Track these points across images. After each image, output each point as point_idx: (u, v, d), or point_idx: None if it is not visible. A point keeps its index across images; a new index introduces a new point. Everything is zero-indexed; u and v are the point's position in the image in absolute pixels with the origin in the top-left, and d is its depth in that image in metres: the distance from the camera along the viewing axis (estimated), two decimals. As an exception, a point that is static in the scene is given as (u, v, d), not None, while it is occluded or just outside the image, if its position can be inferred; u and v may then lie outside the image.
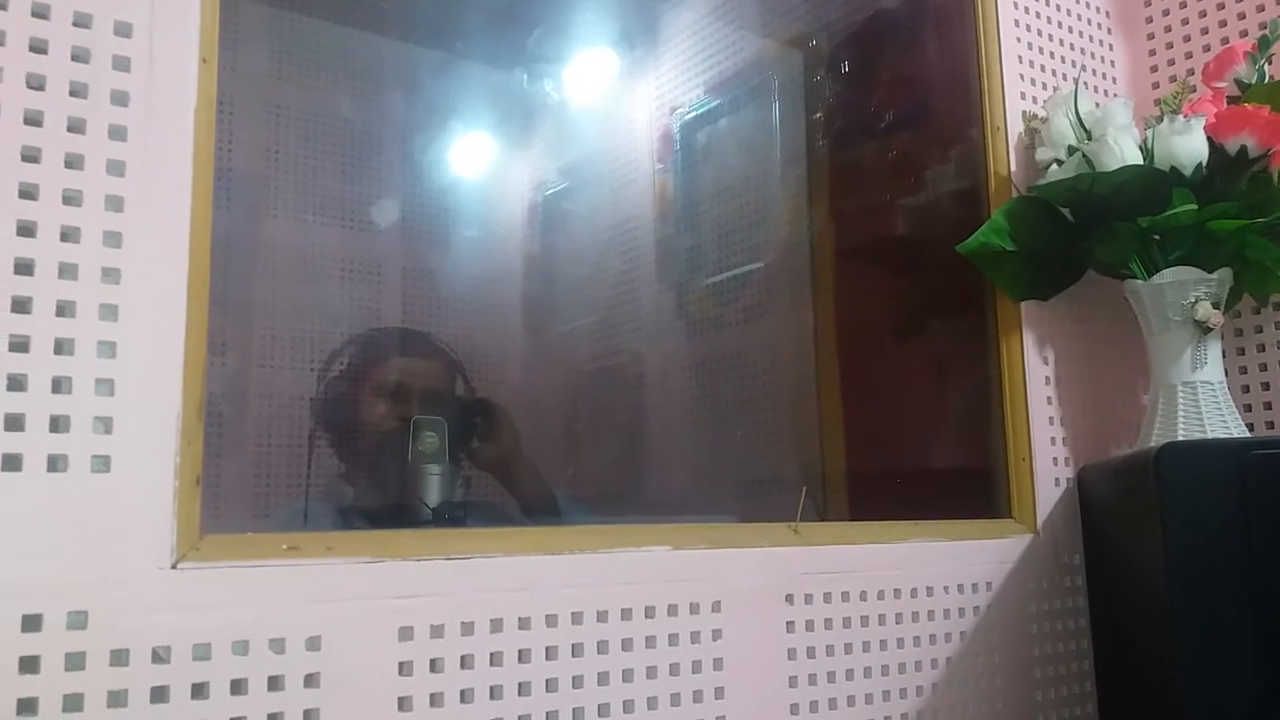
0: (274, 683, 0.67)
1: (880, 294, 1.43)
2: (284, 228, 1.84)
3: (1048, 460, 1.15)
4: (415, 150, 2.01)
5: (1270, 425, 1.18)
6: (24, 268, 0.63)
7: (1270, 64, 1.12)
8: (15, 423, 0.61)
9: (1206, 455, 0.94)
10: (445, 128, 1.99)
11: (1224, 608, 0.89)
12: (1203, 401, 1.06)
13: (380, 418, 1.41)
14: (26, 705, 0.59)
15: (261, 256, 1.77)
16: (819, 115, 1.56)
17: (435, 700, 0.73)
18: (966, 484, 1.23)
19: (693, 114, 1.76)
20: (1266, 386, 1.19)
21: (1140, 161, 1.07)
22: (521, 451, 1.42)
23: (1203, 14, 1.31)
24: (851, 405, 1.42)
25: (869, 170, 1.47)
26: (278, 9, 1.81)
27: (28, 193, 0.63)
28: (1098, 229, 1.12)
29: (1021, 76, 1.23)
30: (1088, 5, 1.33)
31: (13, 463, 0.61)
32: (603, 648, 0.81)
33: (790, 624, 0.93)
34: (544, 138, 2.08)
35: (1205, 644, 0.89)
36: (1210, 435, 1.04)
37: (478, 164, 2.09)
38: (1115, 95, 1.32)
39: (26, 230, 0.63)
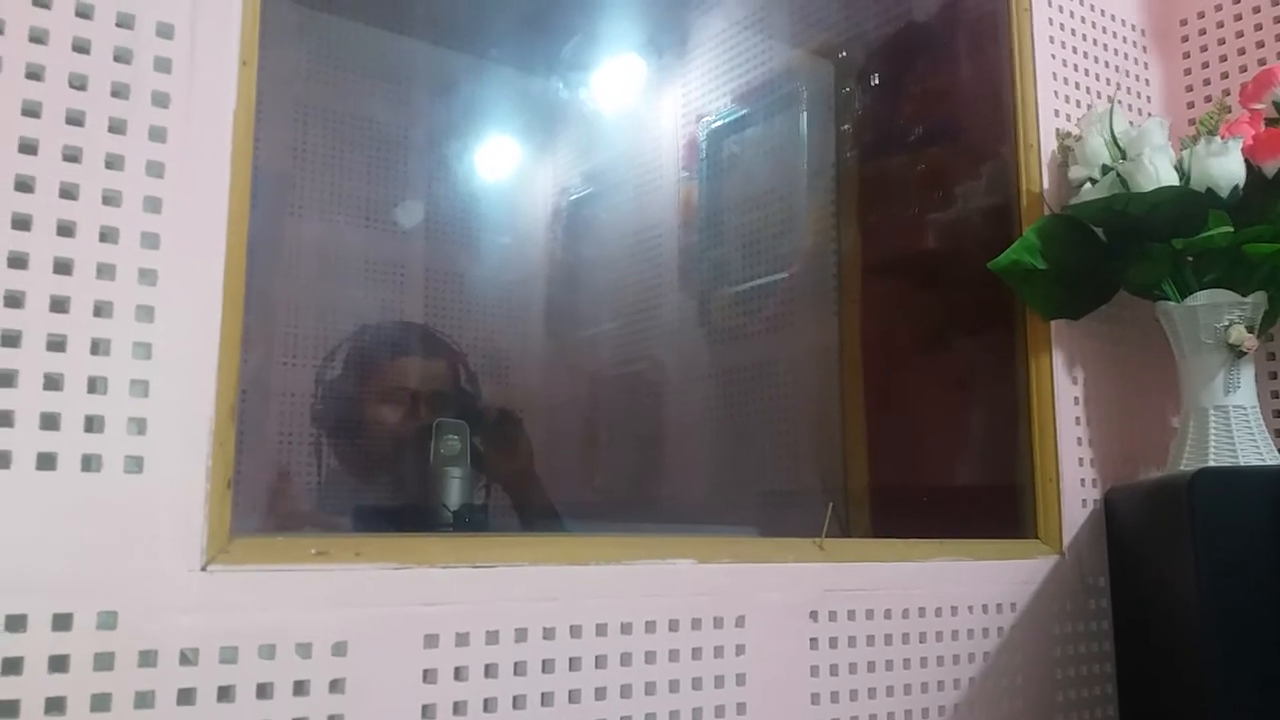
0: (299, 687, 0.67)
1: (907, 308, 1.42)
2: (308, 227, 1.84)
3: (1075, 481, 1.14)
4: (441, 153, 2.02)
5: (1303, 452, 1.16)
6: (63, 267, 0.63)
7: (1310, 87, 1.11)
8: (50, 422, 0.61)
9: (1241, 481, 0.93)
10: (471, 131, 1.99)
11: (1257, 635, 0.88)
12: (1235, 426, 1.05)
13: (389, 419, 1.41)
14: (55, 704, 0.59)
15: (286, 255, 1.77)
16: (848, 127, 1.56)
17: (459, 709, 0.73)
18: (992, 503, 1.22)
19: (719, 122, 1.76)
20: (1299, 412, 1.18)
21: (1176, 182, 1.06)
22: (534, 469, 1.42)
23: (1240, 34, 1.30)
24: (876, 420, 1.41)
25: (898, 184, 1.47)
26: (311, 9, 1.82)
27: (68, 192, 0.63)
28: (1131, 249, 1.11)
29: (1055, 94, 1.22)
30: (1123, 23, 1.32)
31: (47, 462, 0.61)
32: (626, 660, 0.81)
33: (814, 641, 0.92)
34: (569, 143, 2.08)
35: (1238, 672, 0.87)
36: (1242, 461, 1.03)
37: (503, 168, 2.09)
38: (1150, 115, 1.31)
39: (66, 230, 0.63)
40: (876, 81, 1.55)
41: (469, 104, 1.96)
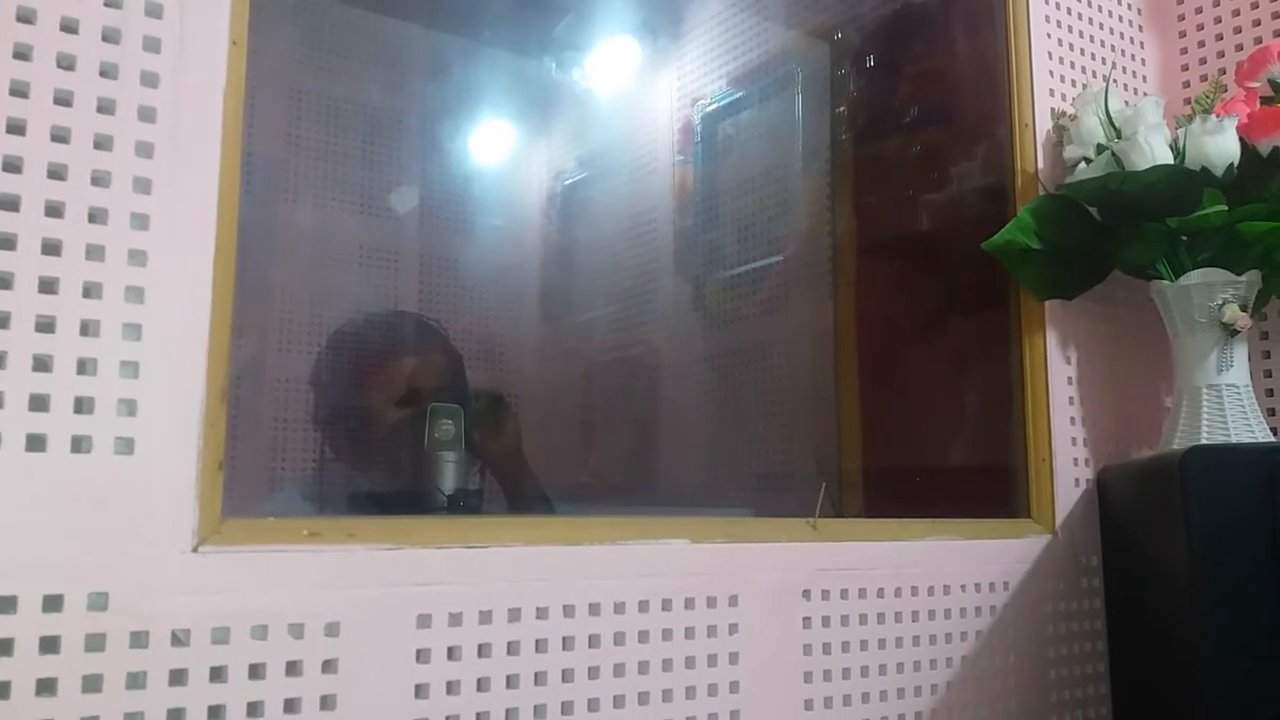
0: (292, 668, 0.67)
1: (902, 290, 1.42)
2: (302, 212, 1.84)
3: (1068, 460, 1.14)
4: (434, 137, 2.01)
5: (1295, 430, 1.17)
6: (51, 248, 0.62)
7: (1305, 65, 1.11)
8: (40, 403, 0.61)
9: (1233, 459, 0.93)
10: (465, 115, 1.99)
11: (1249, 613, 0.88)
12: (1228, 404, 1.05)
13: (377, 404, 1.41)
14: (46, 685, 0.59)
15: (279, 240, 1.77)
16: (843, 109, 1.55)
17: (452, 688, 0.73)
18: (985, 483, 1.22)
19: (715, 105, 1.75)
20: (1292, 391, 1.18)
21: (1171, 161, 1.06)
22: (522, 451, 1.42)
23: (1236, 12, 1.30)
24: (870, 401, 1.41)
25: (893, 165, 1.46)
26: (302, -8, 1.81)
27: (56, 173, 0.63)
28: (1125, 229, 1.11)
29: (1051, 73, 1.21)
30: (1119, 2, 1.31)
31: (37, 443, 0.61)
32: (619, 639, 0.81)
33: (807, 620, 0.92)
34: (564, 127, 2.07)
35: (1230, 649, 0.88)
36: (1235, 439, 1.03)
37: (497, 152, 2.08)
38: (1145, 94, 1.30)
39: (54, 211, 0.63)
40: (872, 63, 1.54)
41: (463, 87, 1.95)
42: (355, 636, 0.69)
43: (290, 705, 0.67)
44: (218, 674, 0.65)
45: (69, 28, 0.65)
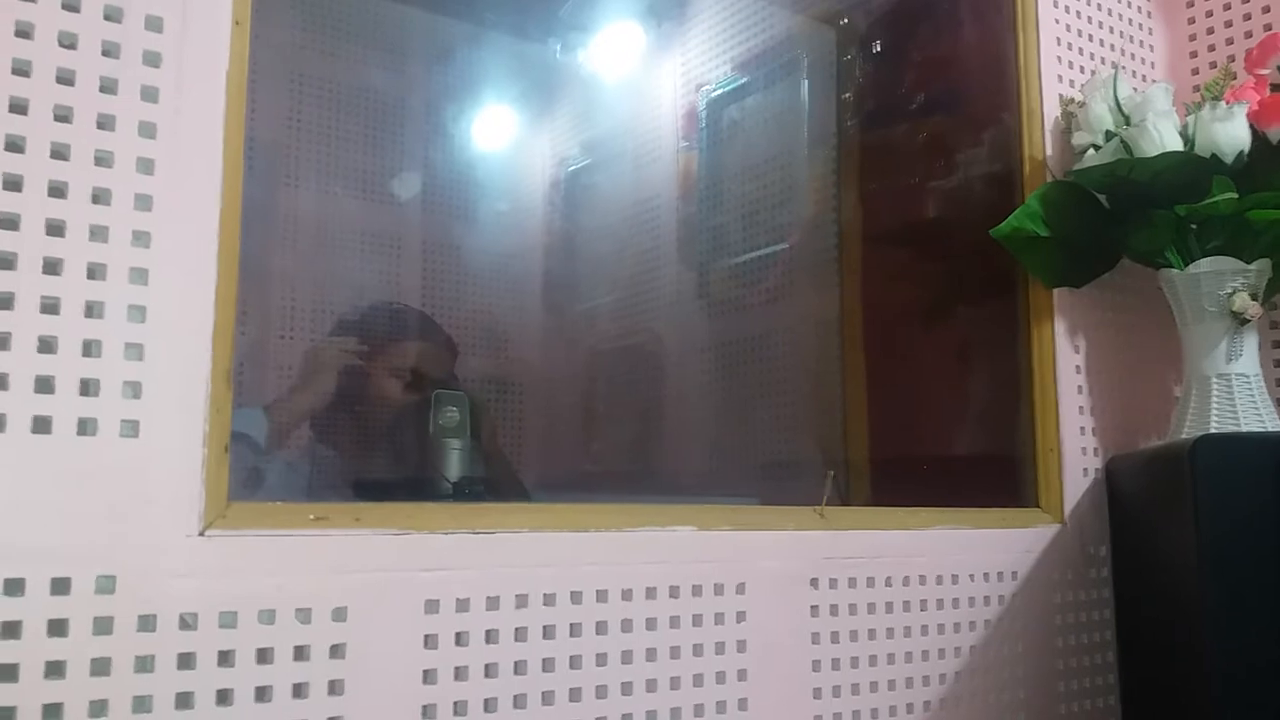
0: (300, 652, 0.67)
1: (909, 278, 1.41)
2: (304, 198, 1.83)
3: (1076, 450, 1.13)
4: (437, 122, 2.00)
5: (1305, 419, 1.16)
6: (55, 229, 0.62)
7: (1317, 51, 1.10)
8: (45, 385, 0.61)
9: (1242, 448, 0.92)
10: (468, 100, 1.97)
11: (1257, 602, 0.88)
12: (1237, 394, 1.04)
13: (386, 392, 1.41)
14: (54, 668, 0.59)
15: (282, 226, 1.76)
16: (849, 95, 1.54)
17: (460, 674, 0.73)
18: (993, 472, 1.22)
19: (719, 91, 1.74)
20: (1301, 380, 1.17)
21: (1180, 148, 1.05)
22: (498, 446, 1.42)
23: (1246, -1, 1.29)
24: (877, 390, 1.41)
25: (900, 152, 1.45)
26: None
27: (59, 153, 0.63)
28: (1134, 216, 1.10)
29: (1059, 59, 1.20)
30: (1128, -12, 1.30)
31: (42, 425, 0.60)
32: (627, 626, 0.81)
33: (814, 608, 0.92)
34: (567, 112, 2.06)
35: (1237, 638, 0.87)
36: (1245, 428, 1.02)
37: (500, 138, 2.07)
38: (1154, 80, 1.29)
39: (58, 191, 0.62)
40: (878, 48, 1.53)
41: (466, 72, 1.94)
42: (363, 621, 0.69)
43: (298, 690, 0.66)
44: (225, 658, 0.64)
45: (71, 6, 0.64)
